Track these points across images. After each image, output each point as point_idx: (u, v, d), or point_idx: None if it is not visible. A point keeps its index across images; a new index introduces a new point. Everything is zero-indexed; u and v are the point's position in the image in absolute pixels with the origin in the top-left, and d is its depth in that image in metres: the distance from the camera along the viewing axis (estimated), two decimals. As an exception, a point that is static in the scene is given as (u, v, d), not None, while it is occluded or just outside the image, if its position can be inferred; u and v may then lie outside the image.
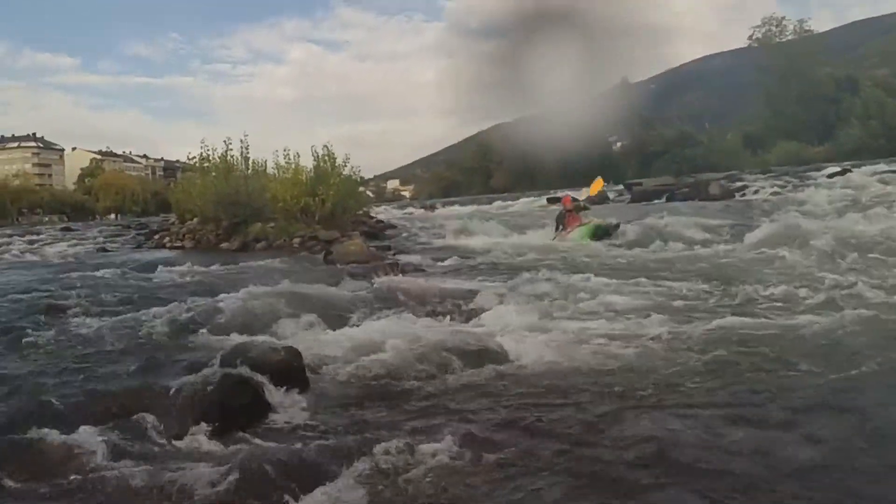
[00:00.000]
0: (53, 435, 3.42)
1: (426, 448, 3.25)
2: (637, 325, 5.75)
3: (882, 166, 29.02)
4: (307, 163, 19.81)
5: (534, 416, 3.69)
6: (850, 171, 28.85)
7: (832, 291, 6.60)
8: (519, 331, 5.74)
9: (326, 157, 19.73)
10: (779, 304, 6.34)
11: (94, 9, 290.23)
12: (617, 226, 14.44)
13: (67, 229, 37.05)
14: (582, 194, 19.33)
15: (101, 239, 24.91)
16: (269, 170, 21.05)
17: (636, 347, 5.03)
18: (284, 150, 20.10)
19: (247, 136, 20.84)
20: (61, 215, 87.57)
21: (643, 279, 8.01)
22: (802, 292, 6.68)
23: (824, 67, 71.70)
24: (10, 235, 31.18)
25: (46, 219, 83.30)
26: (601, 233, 14.10)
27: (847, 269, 8.05)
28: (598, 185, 19.83)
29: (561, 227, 15.26)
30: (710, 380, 4.19)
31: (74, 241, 23.50)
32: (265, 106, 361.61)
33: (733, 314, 5.91)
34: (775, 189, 25.39)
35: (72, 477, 3.12)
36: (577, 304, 6.81)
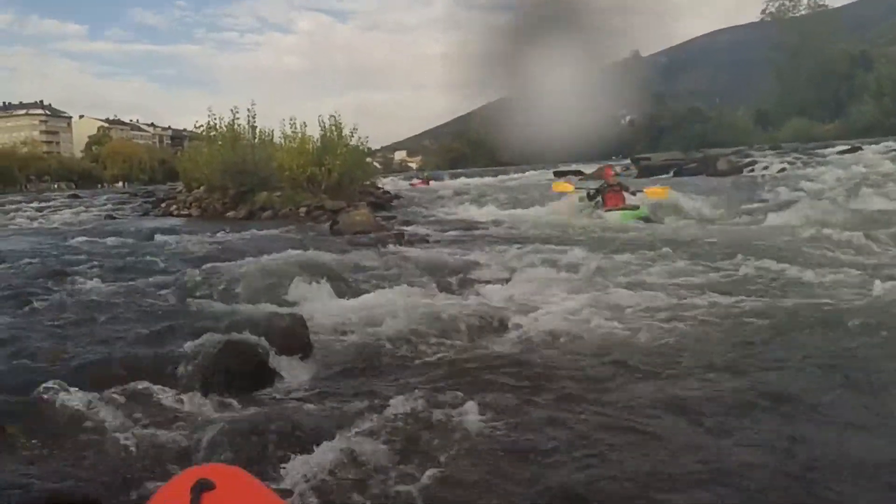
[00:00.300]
0: (60, 397, 3.45)
1: (430, 417, 3.26)
2: (655, 301, 5.66)
3: (893, 143, 28.73)
4: (314, 132, 19.79)
5: (544, 391, 3.65)
6: (860, 148, 28.59)
7: (859, 271, 6.48)
8: (526, 303, 5.71)
9: (333, 127, 19.68)
10: (802, 283, 6.19)
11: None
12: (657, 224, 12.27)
13: (75, 196, 37.10)
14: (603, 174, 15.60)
15: (108, 206, 24.98)
16: (276, 139, 21.02)
17: (655, 323, 4.92)
18: (291, 120, 20.05)
19: (254, 105, 20.78)
20: (69, 183, 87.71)
21: (661, 253, 7.95)
22: (827, 271, 6.56)
23: (838, 44, 70.81)
24: (19, 202, 31.27)
25: (55, 186, 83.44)
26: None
27: (870, 247, 7.99)
28: (660, 192, 14.24)
29: (599, 200, 13.15)
30: (739, 359, 4.07)
31: (82, 209, 23.55)
32: (272, 75, 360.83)
33: (758, 293, 5.78)
34: (783, 166, 25.16)
35: (78, 438, 3.16)
36: (589, 278, 6.74)
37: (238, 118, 20.50)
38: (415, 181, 37.23)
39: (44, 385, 3.55)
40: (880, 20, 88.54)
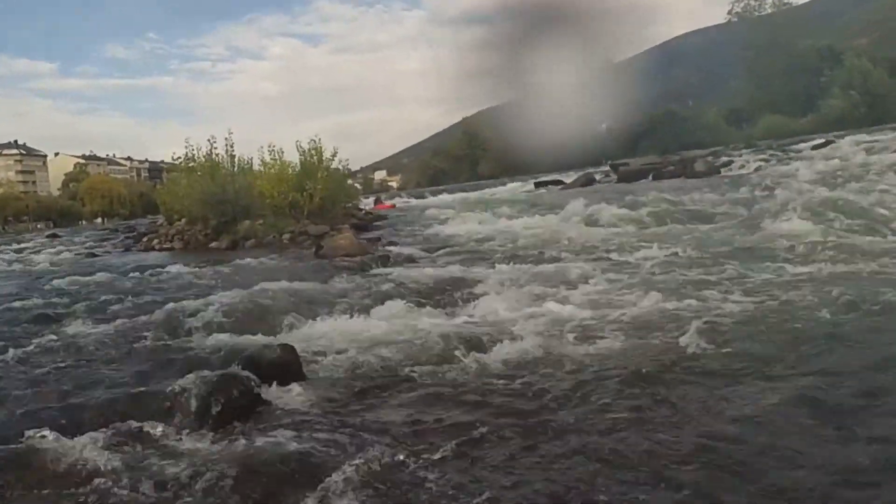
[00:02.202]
0: (52, 443, 3.41)
1: (423, 441, 3.25)
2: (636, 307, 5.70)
3: (864, 136, 29.05)
4: (294, 158, 19.74)
5: (534, 409, 3.65)
6: (833, 141, 28.88)
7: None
8: (513, 319, 5.72)
9: (313, 151, 19.63)
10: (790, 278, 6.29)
11: (68, 12, 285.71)
12: None
13: (54, 236, 36.65)
14: None
15: (89, 244, 24.71)
16: (256, 166, 20.93)
17: (631, 335, 4.99)
18: (269, 146, 20.00)
19: (231, 133, 20.63)
20: (47, 222, 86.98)
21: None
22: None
23: (805, 39, 71.73)
24: (-2, 245, 30.92)
25: (40, 225, 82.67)
26: None
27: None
28: None
29: None
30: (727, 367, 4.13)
31: (62, 248, 23.28)
32: (249, 102, 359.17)
33: (748, 293, 5.90)
34: (759, 164, 25.37)
35: (71, 483, 3.11)
36: (573, 290, 6.77)
37: (216, 147, 20.42)
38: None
39: (33, 432, 3.52)
40: (844, 13, 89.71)
